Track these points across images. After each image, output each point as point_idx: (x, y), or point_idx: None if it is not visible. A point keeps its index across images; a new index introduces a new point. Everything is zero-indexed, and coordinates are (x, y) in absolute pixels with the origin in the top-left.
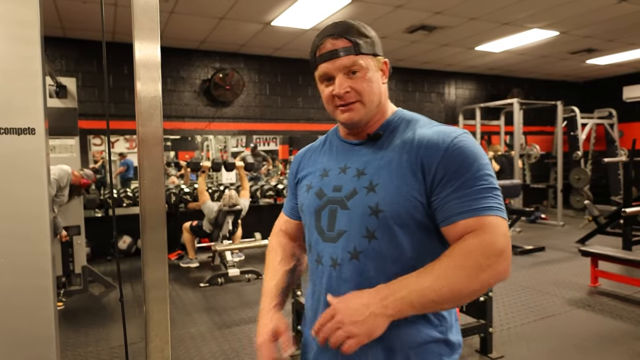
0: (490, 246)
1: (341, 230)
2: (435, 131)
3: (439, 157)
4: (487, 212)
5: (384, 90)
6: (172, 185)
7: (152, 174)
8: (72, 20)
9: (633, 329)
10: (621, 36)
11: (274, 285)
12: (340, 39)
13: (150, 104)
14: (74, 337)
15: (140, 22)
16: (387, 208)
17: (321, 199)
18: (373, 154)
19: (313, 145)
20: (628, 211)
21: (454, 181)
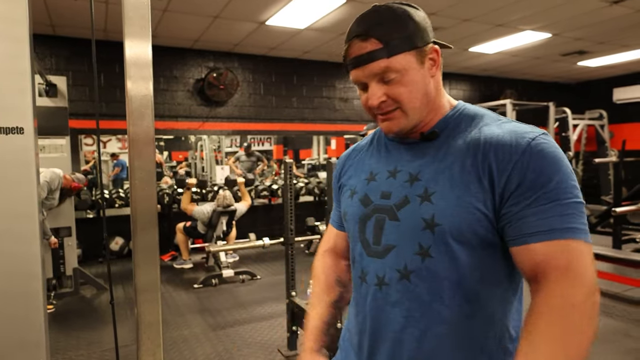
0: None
1: (389, 245)
2: (507, 130)
3: (513, 162)
4: (572, 235)
5: (434, 84)
6: (165, 185)
7: (143, 174)
8: (62, 18)
9: (623, 327)
10: (612, 38)
11: (317, 321)
12: (369, 40)
13: (141, 103)
14: (65, 340)
15: (130, 20)
16: (445, 221)
17: (367, 207)
18: (429, 157)
19: (359, 144)
20: (618, 211)
21: (531, 192)
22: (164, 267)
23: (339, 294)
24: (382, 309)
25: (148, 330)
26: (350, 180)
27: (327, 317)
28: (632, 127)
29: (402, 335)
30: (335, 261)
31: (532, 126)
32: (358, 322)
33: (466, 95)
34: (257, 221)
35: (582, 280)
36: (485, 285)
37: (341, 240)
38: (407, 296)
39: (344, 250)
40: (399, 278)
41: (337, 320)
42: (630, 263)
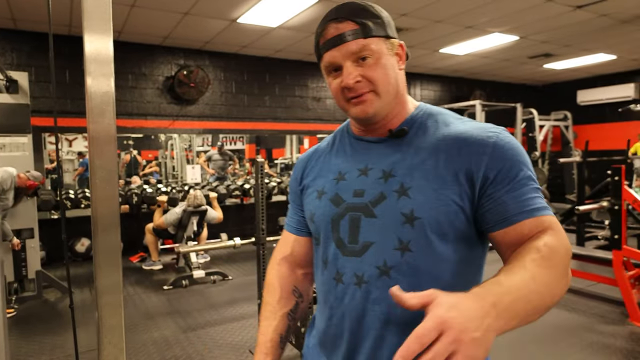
0: (567, 248)
1: (367, 242)
2: (472, 127)
3: (488, 154)
4: (546, 212)
5: (401, 78)
6: (135, 185)
7: (104, 173)
8: (24, 12)
9: (585, 321)
10: (576, 42)
11: (271, 334)
12: (346, 22)
13: (102, 100)
14: (26, 345)
15: (90, 13)
16: (425, 215)
17: (339, 206)
18: (400, 153)
19: (319, 146)
20: (581, 209)
21: (507, 180)
22: (132, 268)
23: (295, 304)
24: (363, 307)
25: (110, 334)
26: (315, 182)
27: (282, 330)
28: (594, 128)
29: (383, 332)
30: (291, 270)
31: (492, 125)
32: (333, 324)
33: (437, 96)
34: (228, 221)
35: (562, 238)
36: (461, 278)
37: (299, 246)
38: (387, 293)
39: (302, 258)
40: (379, 275)
41: (292, 331)
42: (593, 260)
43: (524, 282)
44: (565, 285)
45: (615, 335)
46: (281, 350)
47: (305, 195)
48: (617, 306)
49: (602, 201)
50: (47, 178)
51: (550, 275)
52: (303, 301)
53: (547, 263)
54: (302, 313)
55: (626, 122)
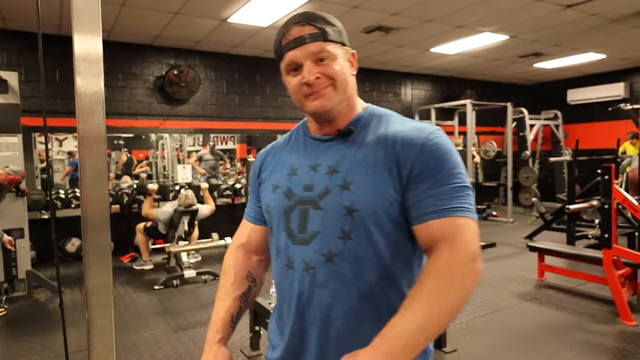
0: (467, 253)
1: (314, 232)
2: (409, 127)
3: (415, 152)
4: (459, 213)
5: (353, 82)
6: (125, 185)
7: (94, 173)
8: (14, 11)
9: (576, 320)
10: (566, 41)
11: (223, 314)
12: (307, 26)
13: (92, 100)
14: (17, 345)
15: (79, 13)
16: (363, 207)
17: (290, 199)
18: (346, 151)
19: (277, 143)
20: (572, 208)
21: (429, 178)
22: (123, 268)
23: (248, 288)
24: (311, 291)
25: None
26: (271, 176)
27: (234, 311)
28: (585, 127)
29: (329, 313)
30: (246, 256)
31: (430, 124)
32: (285, 307)
33: (428, 95)
34: (219, 221)
35: (464, 249)
36: (398, 262)
37: (255, 234)
38: (332, 277)
39: (257, 245)
40: (324, 261)
41: (243, 313)
42: (583, 258)
43: (420, 316)
44: (469, 288)
45: (605, 334)
46: (231, 329)
47: (262, 189)
48: (607, 305)
49: (593, 200)
50: (37, 178)
51: (446, 299)
52: (256, 285)
53: (442, 286)
54: (254, 296)
55: (616, 121)
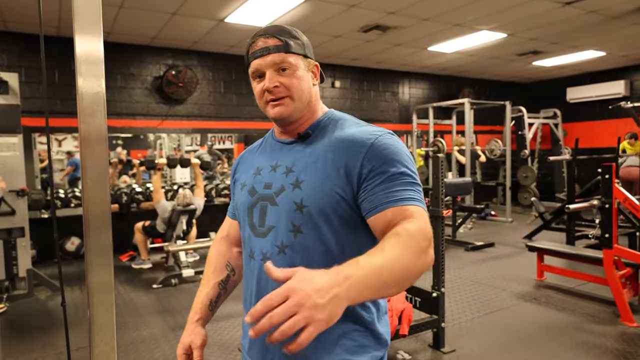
0: (425, 232)
1: (270, 226)
2: (360, 130)
3: (364, 153)
4: (412, 202)
5: (314, 91)
6: (124, 184)
7: (96, 173)
8: (14, 13)
9: (575, 320)
10: (565, 39)
11: (203, 297)
12: (272, 38)
13: (93, 100)
14: (18, 343)
15: (81, 14)
16: (311, 204)
17: (253, 196)
18: (302, 152)
19: (252, 146)
20: (571, 207)
21: (380, 175)
22: (122, 267)
23: (227, 276)
24: (266, 279)
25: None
26: (241, 176)
27: (213, 296)
28: (584, 126)
29: None
30: (227, 248)
31: (381, 127)
32: (248, 293)
33: (425, 94)
34: (217, 220)
35: (422, 227)
36: (346, 254)
37: (234, 229)
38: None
39: (237, 238)
40: (278, 252)
41: (222, 299)
42: (583, 259)
43: (379, 261)
44: (423, 265)
45: (605, 335)
46: (210, 313)
47: (235, 188)
48: (608, 306)
49: (593, 199)
50: (37, 177)
51: (404, 255)
52: (235, 275)
53: (402, 244)
54: (234, 284)
55: (616, 119)
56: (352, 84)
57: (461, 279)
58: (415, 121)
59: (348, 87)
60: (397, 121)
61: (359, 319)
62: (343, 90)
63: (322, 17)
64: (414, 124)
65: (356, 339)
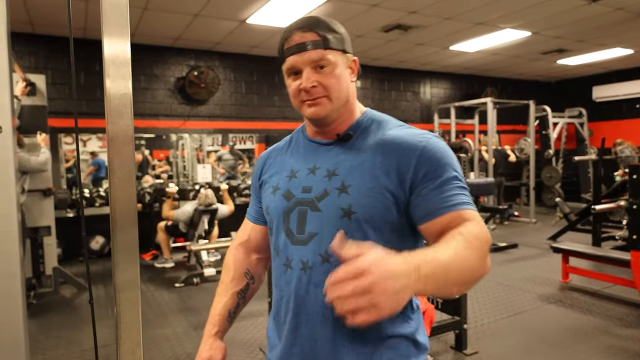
0: (486, 236)
1: (312, 233)
2: (408, 133)
3: (416, 157)
4: (468, 207)
5: (352, 88)
6: (147, 184)
7: (123, 173)
8: (41, 16)
9: (602, 323)
10: (591, 37)
11: (221, 308)
12: (309, 32)
13: (120, 102)
14: (45, 340)
15: (109, 18)
16: (360, 210)
17: (289, 201)
18: (344, 155)
19: (277, 145)
20: (597, 208)
21: (433, 180)
22: (145, 266)
23: (246, 284)
24: (307, 289)
25: (127, 329)
26: (271, 178)
27: (231, 306)
28: (611, 125)
29: (324, 311)
30: (246, 254)
31: (425, 130)
32: (282, 305)
33: (447, 94)
34: (239, 220)
35: (482, 228)
36: None
37: (255, 233)
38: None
39: (257, 244)
40: (321, 262)
41: (241, 308)
42: (609, 260)
43: (447, 255)
44: (483, 268)
45: (633, 339)
46: (228, 324)
47: (262, 190)
48: (636, 309)
49: (620, 200)
50: (62, 177)
51: (470, 255)
52: (254, 283)
53: (468, 244)
54: (252, 293)
55: None
56: (373, 84)
57: (484, 280)
58: (436, 121)
59: (369, 87)
60: (419, 121)
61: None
62: (364, 90)
63: (343, 17)
64: (436, 124)
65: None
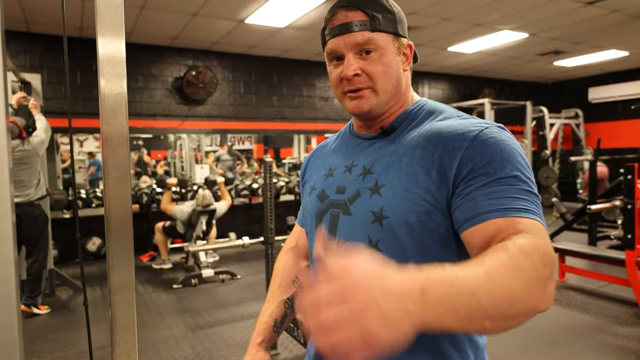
0: (546, 254)
1: (342, 240)
2: (460, 122)
3: (464, 149)
4: (526, 214)
5: (405, 78)
6: (144, 185)
7: (117, 173)
8: (36, 14)
9: (599, 322)
10: (587, 38)
11: (267, 317)
12: (356, 11)
13: (115, 102)
14: (41, 342)
15: (103, 16)
16: (393, 214)
17: (323, 202)
18: (384, 150)
19: (325, 142)
20: (593, 208)
21: (482, 177)
22: (143, 267)
23: (294, 293)
24: None
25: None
26: (312, 177)
27: (278, 315)
28: (607, 126)
29: None
30: (295, 260)
31: (491, 121)
32: None
33: (445, 95)
34: (237, 220)
35: (540, 244)
36: None
37: (303, 238)
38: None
39: (306, 249)
40: None
41: (289, 318)
42: (605, 260)
43: (475, 277)
44: (537, 297)
45: (629, 337)
46: (275, 334)
47: (303, 190)
48: (631, 307)
49: (615, 200)
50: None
51: (513, 277)
52: None
53: (512, 263)
54: None
55: (639, 119)
56: None
57: None
58: None
59: None
60: None
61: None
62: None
63: None
64: None
65: None
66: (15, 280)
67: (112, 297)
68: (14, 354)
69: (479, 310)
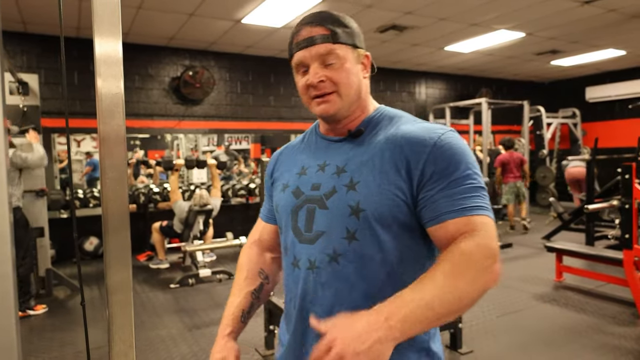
0: (486, 248)
1: (319, 232)
2: (420, 127)
3: (426, 153)
4: (477, 212)
5: (364, 85)
6: (141, 184)
7: (115, 173)
8: (33, 15)
9: (596, 322)
10: (584, 38)
11: (234, 309)
12: (318, 27)
13: (112, 102)
14: (38, 342)
15: (100, 16)
16: (369, 207)
17: (298, 198)
18: (354, 151)
19: (291, 143)
20: (590, 208)
21: (443, 179)
22: (140, 267)
23: (260, 284)
24: (314, 290)
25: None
26: (282, 176)
27: (245, 306)
28: (604, 125)
29: (331, 311)
30: (259, 253)
31: (443, 125)
32: (291, 304)
33: (442, 94)
34: (234, 220)
35: (483, 243)
36: (405, 264)
37: (267, 232)
38: (336, 277)
39: (269, 243)
40: (329, 261)
41: (255, 309)
42: (602, 259)
43: (429, 292)
44: (483, 286)
45: (626, 337)
46: (242, 324)
47: (274, 188)
48: (628, 307)
49: (613, 200)
50: (56, 178)
51: (459, 283)
52: (269, 283)
53: (455, 270)
54: (267, 293)
55: (636, 118)
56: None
57: None
58: (432, 121)
59: None
60: None
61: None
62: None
63: None
64: None
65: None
66: (13, 280)
67: (110, 297)
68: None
69: (438, 314)
